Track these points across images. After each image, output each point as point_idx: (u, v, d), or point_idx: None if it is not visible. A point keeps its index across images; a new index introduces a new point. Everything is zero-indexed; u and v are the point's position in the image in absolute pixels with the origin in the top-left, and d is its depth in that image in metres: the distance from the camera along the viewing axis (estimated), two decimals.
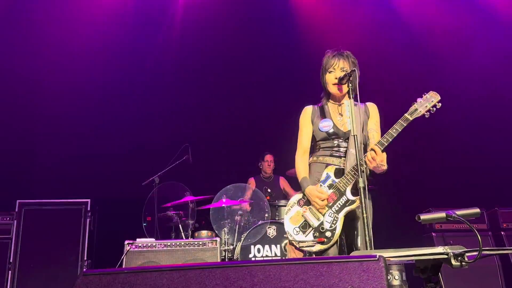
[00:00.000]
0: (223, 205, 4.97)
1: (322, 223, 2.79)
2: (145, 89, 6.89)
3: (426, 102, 2.74)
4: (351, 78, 2.77)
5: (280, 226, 4.95)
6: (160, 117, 6.87)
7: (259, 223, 4.99)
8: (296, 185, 6.23)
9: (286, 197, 5.84)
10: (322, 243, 2.75)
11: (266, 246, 4.87)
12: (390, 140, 2.70)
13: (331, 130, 2.94)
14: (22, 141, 6.31)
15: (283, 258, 4.80)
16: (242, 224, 5.11)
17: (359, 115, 2.92)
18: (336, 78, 2.91)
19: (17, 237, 4.79)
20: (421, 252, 1.72)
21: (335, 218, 2.78)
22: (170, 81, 6.91)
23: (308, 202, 2.88)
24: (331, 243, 2.76)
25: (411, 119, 2.73)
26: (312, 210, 2.84)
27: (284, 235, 3.06)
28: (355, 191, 2.75)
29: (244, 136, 7.04)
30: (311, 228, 2.81)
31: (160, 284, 1.47)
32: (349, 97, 2.76)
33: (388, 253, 1.69)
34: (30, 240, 4.80)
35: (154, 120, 6.86)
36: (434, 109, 2.74)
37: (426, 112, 2.74)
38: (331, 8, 7.12)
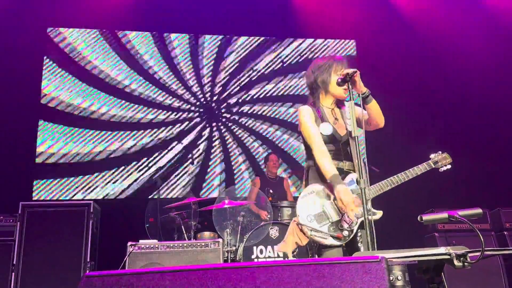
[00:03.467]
0: (226, 206, 4.97)
1: (341, 221, 2.78)
2: None
3: (443, 160, 3.01)
4: (354, 77, 2.75)
5: (282, 227, 4.95)
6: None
7: (262, 224, 5.00)
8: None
9: (286, 197, 5.85)
10: (338, 239, 2.73)
11: (269, 247, 4.87)
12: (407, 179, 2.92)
13: (331, 133, 2.93)
14: (25, 141, 6.34)
15: (286, 259, 4.81)
16: (245, 225, 5.11)
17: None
18: (342, 76, 2.81)
19: (20, 239, 4.79)
20: (423, 253, 1.73)
21: (355, 221, 2.78)
22: None
23: (329, 196, 2.84)
24: (346, 242, 2.78)
25: (433, 166, 2.99)
26: (334, 206, 2.82)
27: (293, 217, 2.99)
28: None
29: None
30: (328, 221, 2.78)
31: (162, 285, 1.48)
32: (350, 98, 2.74)
33: (390, 254, 1.69)
34: (33, 242, 4.80)
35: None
36: (445, 168, 3.02)
37: (441, 167, 3.00)
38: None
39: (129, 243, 4.40)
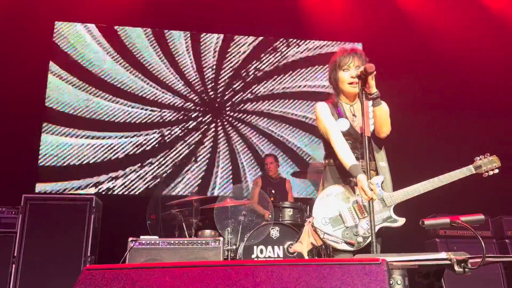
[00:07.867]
0: (227, 204, 4.98)
1: (356, 227, 2.69)
2: None
3: (489, 164, 2.84)
4: (368, 73, 2.61)
5: (283, 227, 4.95)
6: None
7: (263, 224, 5.00)
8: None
9: (287, 199, 5.84)
10: (351, 245, 2.65)
11: (269, 247, 4.87)
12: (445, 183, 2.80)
13: (346, 130, 2.81)
14: (28, 134, 6.36)
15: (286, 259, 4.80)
16: (246, 224, 5.11)
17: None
18: (352, 77, 2.78)
19: (21, 231, 4.80)
20: (424, 257, 1.72)
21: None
22: None
23: (348, 200, 2.76)
24: (359, 248, 2.68)
25: (474, 172, 2.82)
26: (351, 210, 2.74)
27: (308, 219, 2.91)
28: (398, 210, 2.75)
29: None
30: (343, 226, 2.70)
31: (162, 281, 1.48)
32: (360, 98, 2.66)
33: (391, 258, 1.68)
34: (35, 234, 4.81)
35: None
36: (492, 172, 2.83)
37: (485, 172, 2.83)
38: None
39: (130, 239, 4.41)
